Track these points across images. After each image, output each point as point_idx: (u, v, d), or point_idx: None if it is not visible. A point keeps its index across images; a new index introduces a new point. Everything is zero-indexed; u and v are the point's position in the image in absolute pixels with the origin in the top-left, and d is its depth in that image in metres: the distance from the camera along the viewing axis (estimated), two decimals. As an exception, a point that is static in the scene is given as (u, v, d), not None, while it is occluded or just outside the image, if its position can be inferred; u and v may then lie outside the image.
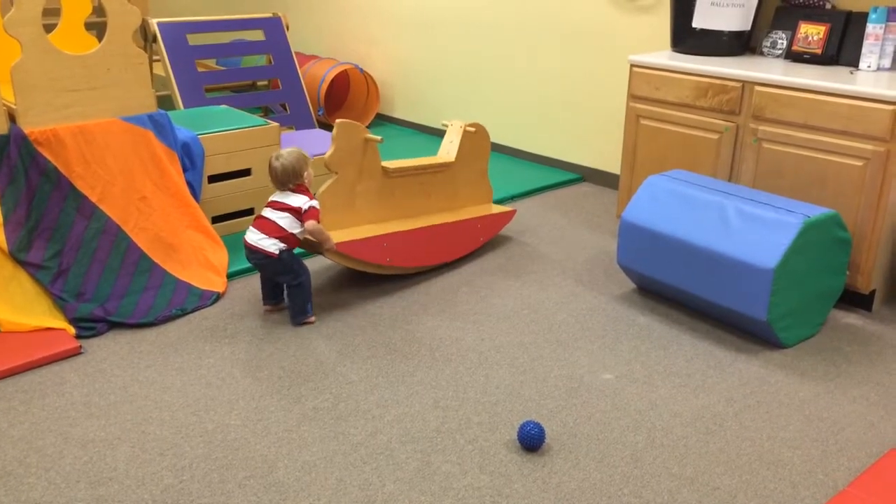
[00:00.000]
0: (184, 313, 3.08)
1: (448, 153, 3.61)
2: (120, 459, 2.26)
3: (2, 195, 2.92)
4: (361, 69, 5.78)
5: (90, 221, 3.07)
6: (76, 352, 2.79)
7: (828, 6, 3.43)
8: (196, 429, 2.40)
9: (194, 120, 3.83)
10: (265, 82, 5.42)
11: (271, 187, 3.04)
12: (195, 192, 3.49)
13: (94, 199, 3.09)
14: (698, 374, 2.71)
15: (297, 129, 4.96)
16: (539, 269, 3.54)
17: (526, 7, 4.79)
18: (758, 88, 3.19)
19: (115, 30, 3.15)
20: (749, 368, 2.75)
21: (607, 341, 2.93)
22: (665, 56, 3.62)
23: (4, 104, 2.95)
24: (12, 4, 2.90)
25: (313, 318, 3.04)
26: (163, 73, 4.80)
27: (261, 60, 5.54)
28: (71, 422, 2.43)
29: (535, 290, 3.34)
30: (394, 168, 3.35)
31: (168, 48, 4.73)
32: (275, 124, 3.88)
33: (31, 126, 2.98)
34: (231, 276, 3.38)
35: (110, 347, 2.85)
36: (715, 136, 3.38)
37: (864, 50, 3.22)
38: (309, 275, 3.03)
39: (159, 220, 3.25)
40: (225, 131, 3.70)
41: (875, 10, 3.17)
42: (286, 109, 5.15)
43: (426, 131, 5.68)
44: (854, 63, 3.29)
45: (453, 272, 3.51)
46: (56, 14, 4.16)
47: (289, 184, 2.97)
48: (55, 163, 3.01)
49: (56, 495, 2.12)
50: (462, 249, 3.61)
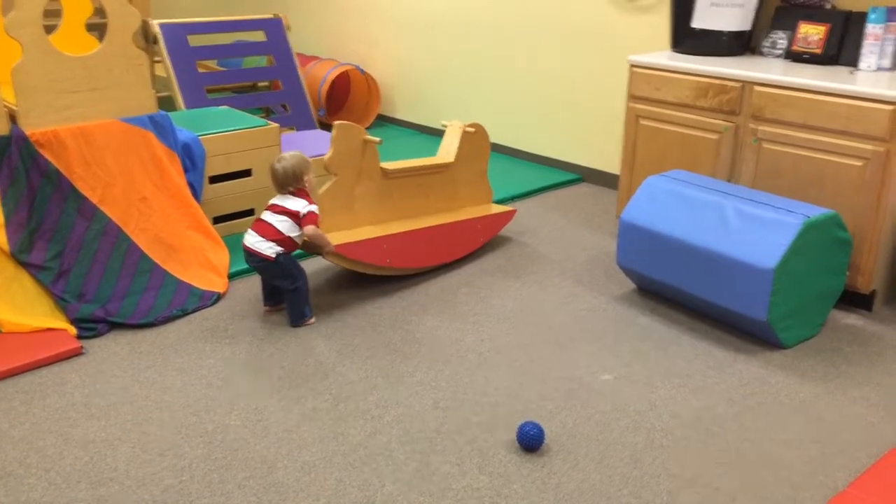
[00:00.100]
0: (184, 314, 3.09)
1: (447, 154, 3.61)
2: (120, 460, 2.26)
3: (3, 196, 2.93)
4: (362, 70, 5.78)
5: (91, 222, 3.08)
6: (77, 352, 2.80)
7: (827, 6, 3.43)
8: (196, 429, 2.40)
9: (195, 121, 3.84)
10: (266, 83, 5.42)
11: (272, 188, 3.05)
12: (196, 193, 3.49)
13: (95, 201, 3.10)
14: (698, 375, 2.71)
15: (298, 130, 4.96)
16: (539, 270, 3.54)
17: (526, 7, 4.79)
18: (757, 88, 3.19)
19: (116, 31, 3.16)
20: (749, 369, 2.75)
21: (607, 342, 2.93)
22: (665, 56, 3.62)
23: (5, 105, 2.96)
24: (13, 6, 2.90)
25: (313, 320, 3.05)
26: (164, 74, 4.81)
27: (262, 61, 5.55)
28: (71, 422, 2.43)
29: (535, 291, 3.34)
30: (393, 169, 3.36)
31: (169, 49, 4.74)
32: (275, 125, 3.89)
33: (32, 127, 2.99)
34: (232, 277, 3.38)
35: (111, 348, 2.85)
36: (714, 137, 3.38)
37: (864, 50, 3.22)
38: (306, 279, 3.03)
39: (160, 221, 3.26)
40: (226, 132, 3.70)
41: (874, 10, 3.17)
42: (287, 110, 5.16)
43: (427, 132, 5.68)
44: (854, 63, 3.29)
45: (453, 273, 3.51)
46: (57, 15, 4.16)
47: (289, 187, 2.97)
48: (56, 164, 3.02)
49: (56, 496, 2.12)
50: (462, 250, 3.61)
